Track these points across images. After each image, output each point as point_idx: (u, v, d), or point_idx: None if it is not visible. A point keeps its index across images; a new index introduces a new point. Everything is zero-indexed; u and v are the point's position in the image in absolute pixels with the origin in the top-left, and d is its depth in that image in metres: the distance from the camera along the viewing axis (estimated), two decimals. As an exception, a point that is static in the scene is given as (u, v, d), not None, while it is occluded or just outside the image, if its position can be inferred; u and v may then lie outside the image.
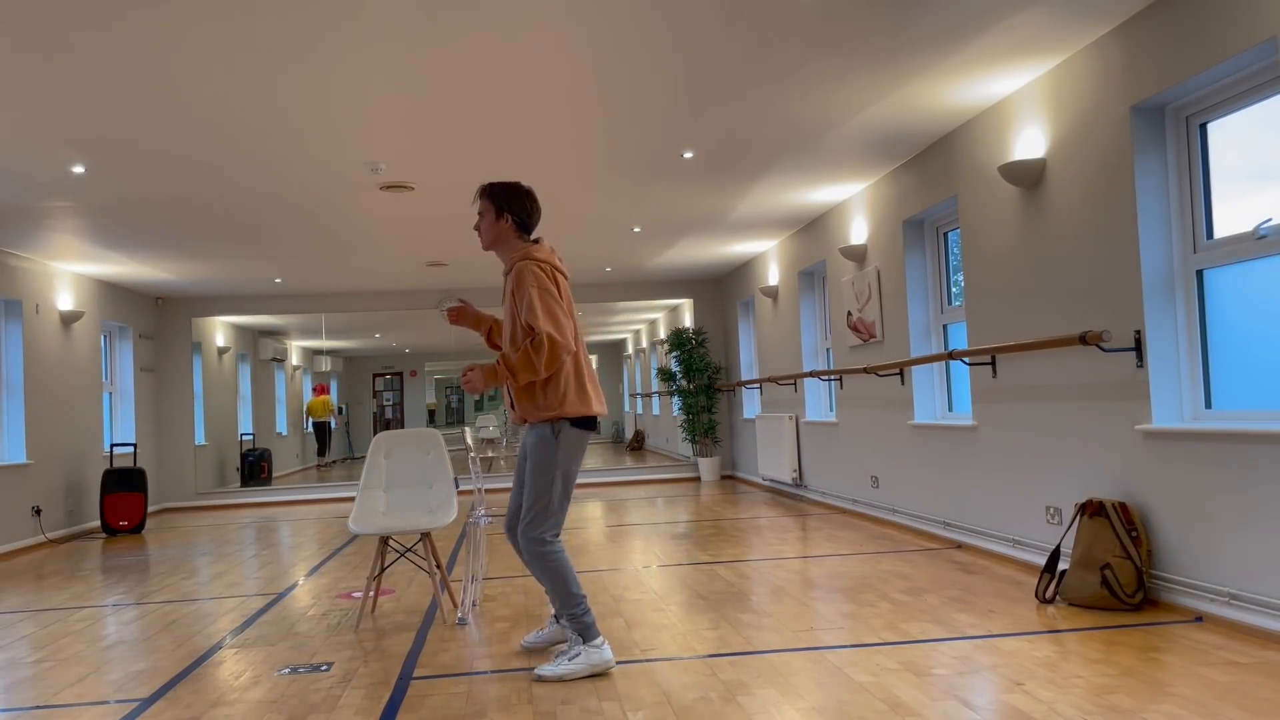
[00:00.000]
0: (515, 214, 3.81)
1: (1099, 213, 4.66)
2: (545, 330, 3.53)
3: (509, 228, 3.81)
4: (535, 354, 3.54)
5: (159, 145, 5.60)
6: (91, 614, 5.36)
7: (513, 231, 3.82)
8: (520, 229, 3.83)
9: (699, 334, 12.49)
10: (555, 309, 3.58)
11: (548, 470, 3.71)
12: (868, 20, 4.32)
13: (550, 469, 3.71)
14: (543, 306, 3.56)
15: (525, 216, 3.83)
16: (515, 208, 3.81)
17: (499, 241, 3.84)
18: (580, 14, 4.13)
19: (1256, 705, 3.00)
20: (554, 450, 3.71)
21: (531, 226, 3.85)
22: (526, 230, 3.84)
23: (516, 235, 3.83)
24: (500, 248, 3.85)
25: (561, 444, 3.71)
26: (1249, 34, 3.70)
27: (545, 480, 3.71)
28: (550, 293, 3.60)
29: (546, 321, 3.54)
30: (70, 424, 9.37)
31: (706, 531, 7.47)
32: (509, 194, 3.82)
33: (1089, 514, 4.47)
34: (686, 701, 3.31)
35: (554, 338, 3.54)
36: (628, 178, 6.92)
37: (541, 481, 3.71)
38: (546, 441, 3.71)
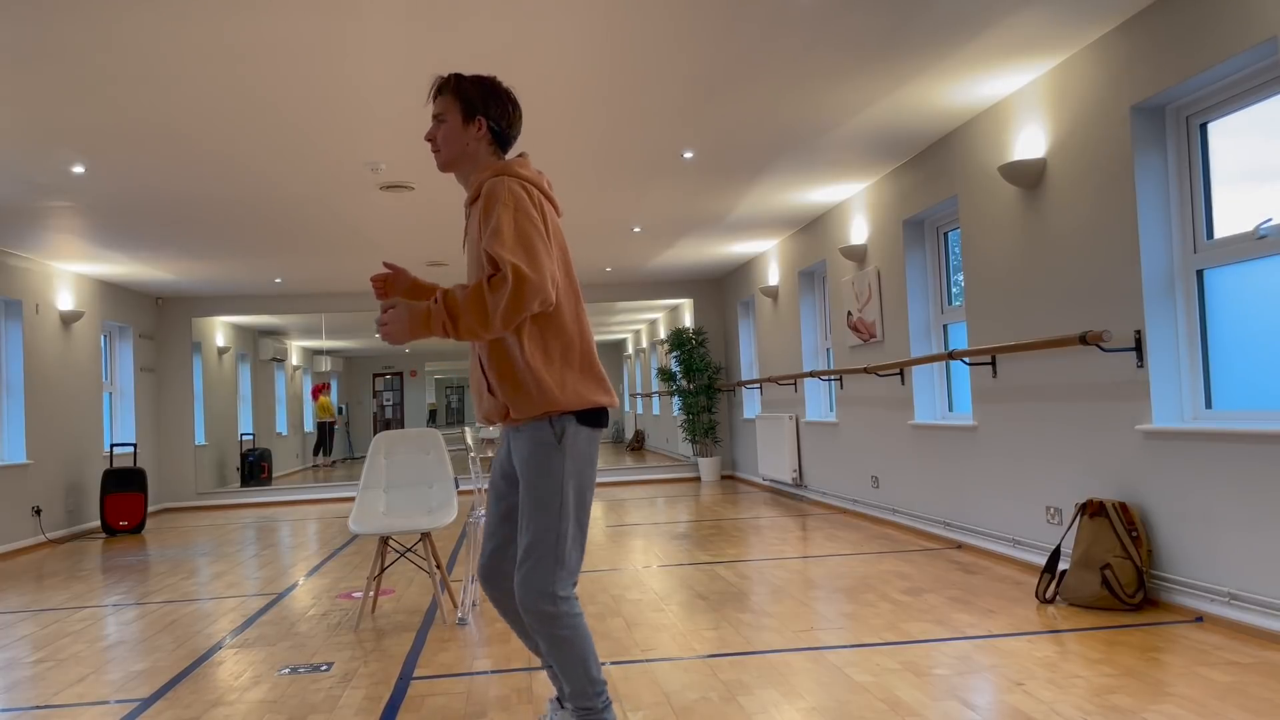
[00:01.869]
0: (492, 119, 2.68)
1: (1099, 213, 4.66)
2: (511, 261, 2.40)
3: (482, 137, 2.68)
4: (491, 293, 2.40)
5: (159, 145, 5.60)
6: (91, 614, 5.36)
7: (487, 144, 2.69)
8: (497, 142, 2.71)
9: (699, 334, 12.49)
10: (534, 237, 2.46)
11: (554, 493, 2.56)
12: (868, 20, 4.32)
13: (557, 491, 2.57)
14: (516, 231, 2.45)
15: (505, 125, 2.71)
16: (493, 110, 2.68)
17: (465, 157, 2.69)
18: (580, 14, 4.13)
19: (1256, 705, 3.00)
20: (560, 461, 2.57)
21: (510, 141, 2.75)
22: (504, 146, 2.73)
23: (491, 150, 2.70)
24: (465, 166, 2.70)
25: (569, 451, 2.58)
26: (1249, 34, 3.70)
27: (551, 509, 2.56)
28: (531, 217, 2.50)
29: (517, 251, 2.43)
30: (70, 424, 9.37)
31: (706, 531, 7.47)
32: (485, 91, 2.69)
33: (1089, 514, 4.47)
34: (686, 701, 3.31)
35: (523, 273, 2.39)
36: (628, 178, 6.92)
37: (545, 512, 2.56)
38: (547, 450, 2.57)
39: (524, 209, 2.50)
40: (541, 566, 2.54)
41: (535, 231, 2.48)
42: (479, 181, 2.63)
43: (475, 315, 2.41)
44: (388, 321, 2.51)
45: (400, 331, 2.49)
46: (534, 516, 2.57)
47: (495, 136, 2.69)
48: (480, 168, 2.67)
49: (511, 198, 2.51)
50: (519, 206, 2.50)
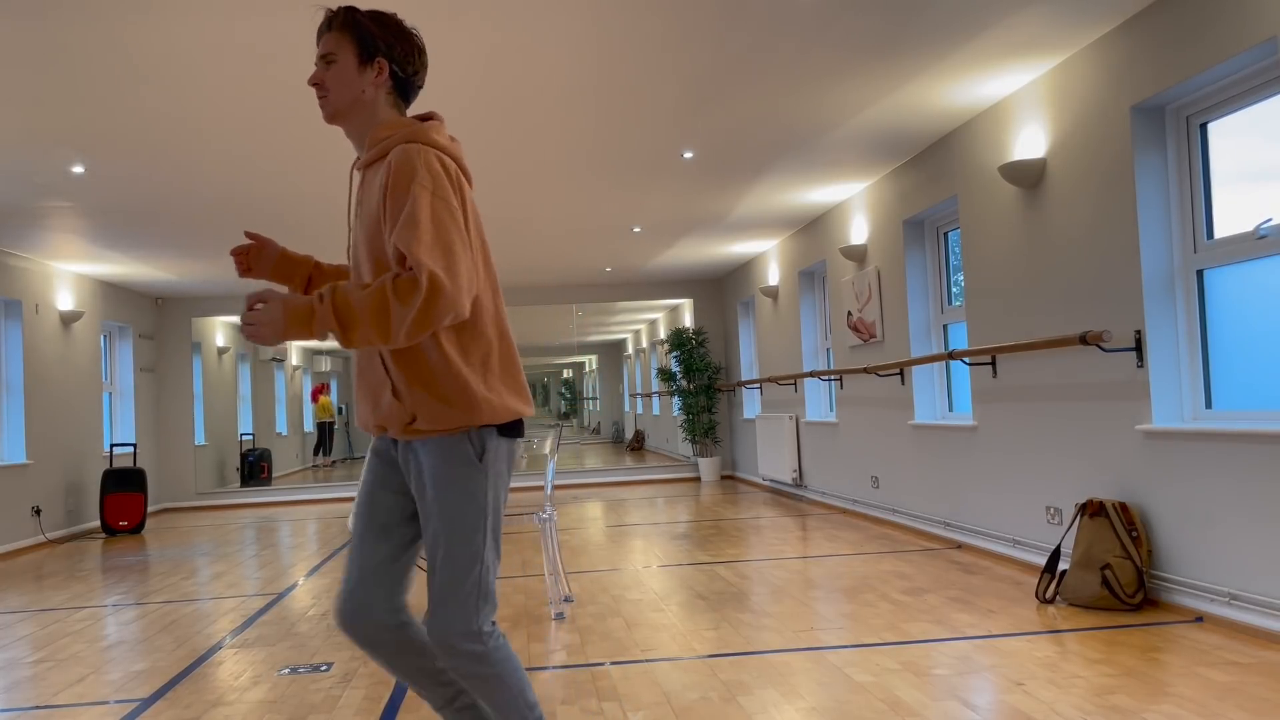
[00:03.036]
0: (396, 62, 2.21)
1: (1099, 213, 4.66)
2: (428, 266, 1.99)
3: (381, 84, 2.21)
4: (399, 303, 1.98)
5: (159, 145, 5.60)
6: (91, 614, 5.36)
7: (387, 92, 2.23)
8: (399, 91, 2.25)
9: (699, 334, 12.49)
10: (454, 234, 2.05)
11: (477, 519, 2.17)
12: (867, 20, 4.32)
13: (480, 516, 2.17)
14: (434, 225, 2.03)
15: (410, 71, 2.25)
16: (397, 52, 2.21)
17: (359, 106, 2.22)
18: (580, 13, 4.13)
19: (1256, 705, 3.00)
20: (482, 482, 2.17)
21: (413, 93, 2.29)
22: (406, 98, 2.27)
23: (392, 101, 2.24)
24: (359, 118, 2.23)
25: (491, 469, 2.19)
26: (1249, 34, 3.70)
27: (474, 538, 2.16)
28: (451, 206, 2.08)
29: (435, 252, 2.01)
30: (70, 424, 9.37)
31: (706, 531, 7.47)
32: (387, 28, 2.21)
33: (1089, 514, 4.47)
34: (686, 701, 3.31)
35: (439, 284, 1.99)
36: (628, 178, 6.92)
37: (466, 542, 2.15)
38: (467, 468, 2.16)
39: (443, 194, 2.08)
40: (466, 604, 2.13)
41: (455, 226, 2.06)
42: (381, 142, 2.17)
43: (375, 326, 1.99)
44: (256, 321, 2.02)
45: (273, 333, 2.02)
46: (453, 548, 2.14)
47: (398, 84, 2.23)
48: (379, 122, 2.22)
49: (429, 177, 2.07)
50: (438, 190, 2.07)
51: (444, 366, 2.14)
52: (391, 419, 2.17)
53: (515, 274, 11.33)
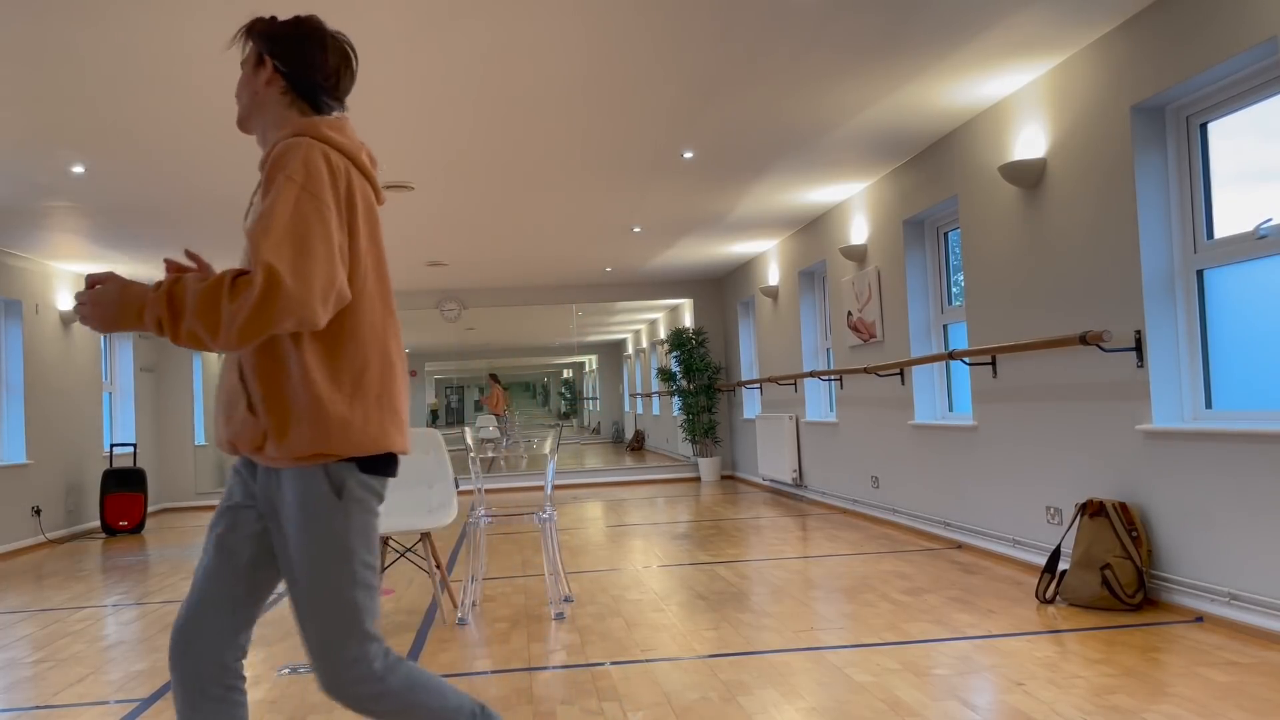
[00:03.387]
0: (291, 65, 2.06)
1: (1099, 213, 4.66)
2: (269, 263, 1.80)
3: (273, 86, 2.06)
4: (230, 298, 1.79)
5: (159, 145, 5.60)
6: (91, 614, 5.36)
7: (279, 93, 2.07)
8: (297, 93, 2.07)
9: (699, 334, 12.49)
10: (313, 231, 1.86)
11: (337, 562, 1.95)
12: (867, 20, 4.32)
13: (343, 558, 1.95)
14: (292, 218, 1.85)
15: (307, 71, 2.07)
16: (288, 54, 2.06)
17: (257, 110, 2.09)
18: (580, 13, 4.13)
19: (1256, 705, 3.00)
20: (340, 519, 1.95)
21: (324, 95, 2.09)
22: (313, 101, 2.09)
23: (290, 104, 2.07)
24: (258, 122, 2.10)
25: (352, 508, 1.96)
26: (1249, 34, 3.70)
27: (334, 584, 1.95)
28: (320, 202, 1.89)
29: (283, 248, 1.82)
30: (70, 424, 9.37)
31: (706, 531, 7.47)
32: (283, 31, 2.08)
33: (1089, 514, 4.47)
34: (686, 701, 3.31)
35: (277, 280, 1.79)
36: (628, 178, 6.92)
37: (329, 589, 1.94)
38: (322, 504, 1.94)
39: (314, 188, 1.88)
40: (346, 652, 1.94)
41: (320, 225, 1.86)
42: (271, 144, 2.00)
43: (203, 320, 1.78)
44: (89, 301, 1.85)
45: (104, 317, 1.84)
46: (321, 599, 1.94)
47: (294, 87, 2.06)
48: (278, 125, 2.07)
49: (302, 170, 1.89)
50: (308, 184, 1.88)
51: (303, 381, 1.91)
52: (242, 437, 1.95)
53: (515, 274, 11.34)
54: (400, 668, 1.99)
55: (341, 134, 2.01)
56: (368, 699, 1.95)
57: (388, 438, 1.97)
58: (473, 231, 8.58)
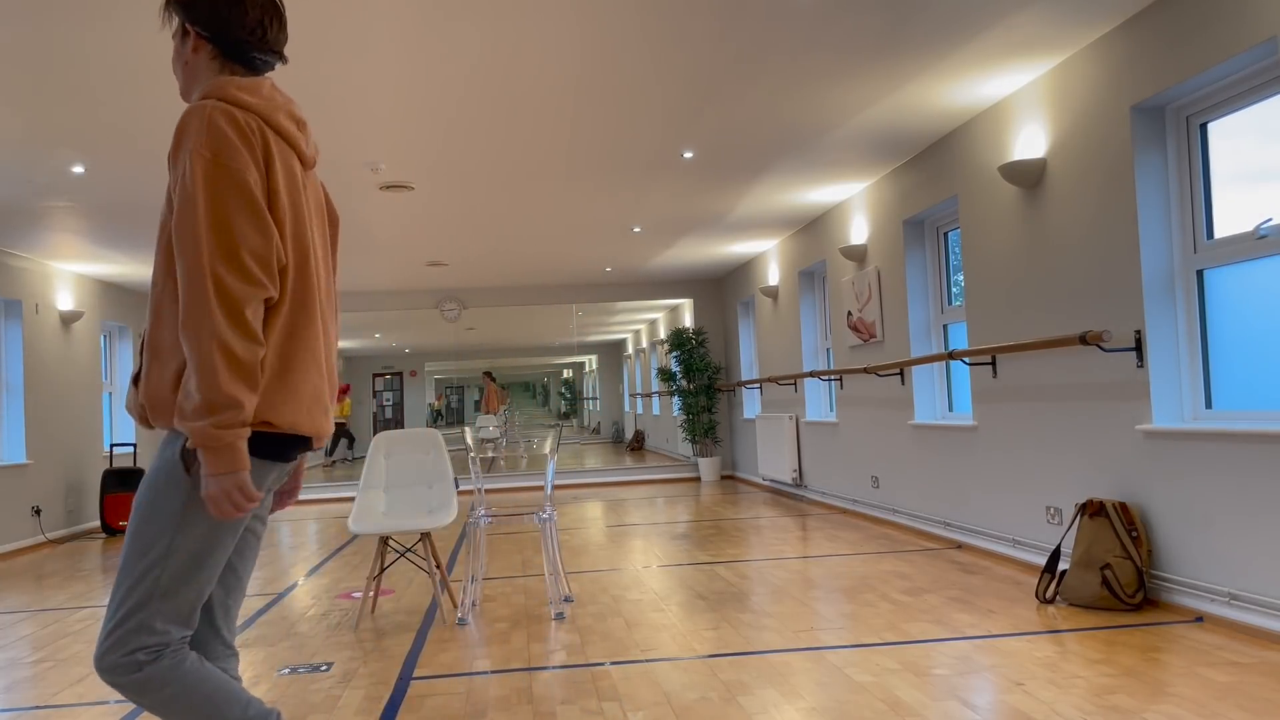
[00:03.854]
0: (211, 28, 1.92)
1: (1099, 213, 4.66)
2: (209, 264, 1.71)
3: (201, 52, 1.94)
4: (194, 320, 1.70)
5: (159, 145, 5.60)
6: (91, 614, 5.36)
7: (209, 59, 1.94)
8: (228, 56, 1.94)
9: (699, 334, 12.49)
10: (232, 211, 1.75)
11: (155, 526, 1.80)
12: (867, 19, 4.32)
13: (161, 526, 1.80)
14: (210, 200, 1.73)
15: (229, 30, 1.92)
16: (210, 18, 1.92)
17: (192, 80, 1.96)
18: (580, 13, 4.13)
19: (1256, 705, 3.00)
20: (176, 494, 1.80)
21: (254, 52, 1.96)
22: (246, 61, 1.95)
23: (222, 69, 1.95)
24: (198, 90, 1.95)
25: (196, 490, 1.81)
26: (1249, 34, 3.70)
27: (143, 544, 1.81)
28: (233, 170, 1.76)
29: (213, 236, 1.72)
30: (70, 424, 9.37)
31: (706, 531, 7.47)
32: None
33: (1089, 514, 4.47)
34: (686, 701, 3.31)
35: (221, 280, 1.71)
36: (628, 178, 6.92)
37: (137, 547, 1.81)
38: (166, 468, 1.81)
39: (224, 156, 1.75)
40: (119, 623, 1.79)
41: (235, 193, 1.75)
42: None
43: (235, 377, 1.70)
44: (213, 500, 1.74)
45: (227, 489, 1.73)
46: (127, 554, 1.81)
47: (222, 50, 1.93)
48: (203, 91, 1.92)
49: (207, 138, 1.75)
50: (217, 155, 1.74)
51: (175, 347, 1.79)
52: (132, 404, 1.85)
53: (515, 274, 11.34)
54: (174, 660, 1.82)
55: (254, 94, 1.87)
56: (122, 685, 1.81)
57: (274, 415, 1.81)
58: (473, 231, 8.58)
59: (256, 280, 1.73)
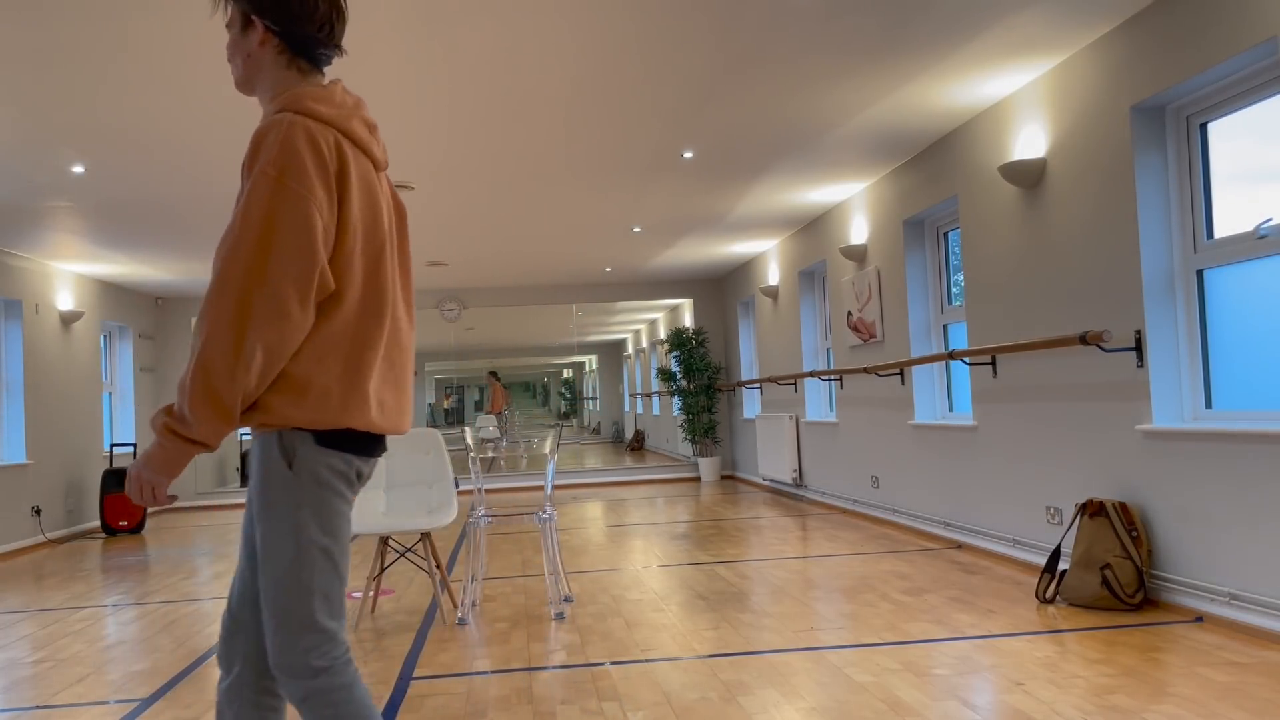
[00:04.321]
0: (281, 22, 1.89)
1: (1099, 213, 4.66)
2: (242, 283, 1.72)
3: (267, 46, 1.91)
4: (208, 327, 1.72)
5: (159, 145, 5.60)
6: (91, 614, 5.36)
7: (275, 54, 1.92)
8: (293, 51, 1.92)
9: (699, 334, 12.49)
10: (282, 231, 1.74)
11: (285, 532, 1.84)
12: (868, 19, 4.32)
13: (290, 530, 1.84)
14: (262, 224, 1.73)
15: (297, 25, 1.90)
16: (280, 11, 1.89)
17: (259, 74, 1.93)
18: (580, 13, 4.13)
19: (1256, 705, 3.00)
20: (291, 491, 1.84)
21: (318, 47, 1.94)
22: (309, 55, 1.94)
23: (287, 64, 1.92)
24: (261, 86, 1.95)
25: (302, 479, 1.84)
26: (1249, 34, 3.70)
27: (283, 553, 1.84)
28: (297, 193, 1.75)
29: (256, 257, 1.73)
30: (70, 424, 9.37)
31: (706, 531, 7.47)
32: None
33: (1089, 514, 4.47)
34: (686, 701, 3.31)
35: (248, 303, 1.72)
36: (628, 178, 6.92)
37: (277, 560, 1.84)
38: (272, 472, 1.85)
39: (292, 178, 1.75)
40: (293, 634, 1.83)
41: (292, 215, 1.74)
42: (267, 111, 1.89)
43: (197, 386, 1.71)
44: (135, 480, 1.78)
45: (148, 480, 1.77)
46: (265, 569, 1.85)
47: (289, 45, 1.91)
48: (274, 90, 1.93)
49: (279, 157, 1.75)
50: (285, 174, 1.74)
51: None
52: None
53: (515, 274, 11.34)
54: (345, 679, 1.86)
55: (329, 104, 1.86)
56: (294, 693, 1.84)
57: (342, 416, 1.84)
58: (473, 231, 8.58)
59: (282, 312, 1.73)
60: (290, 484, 1.83)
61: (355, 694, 1.86)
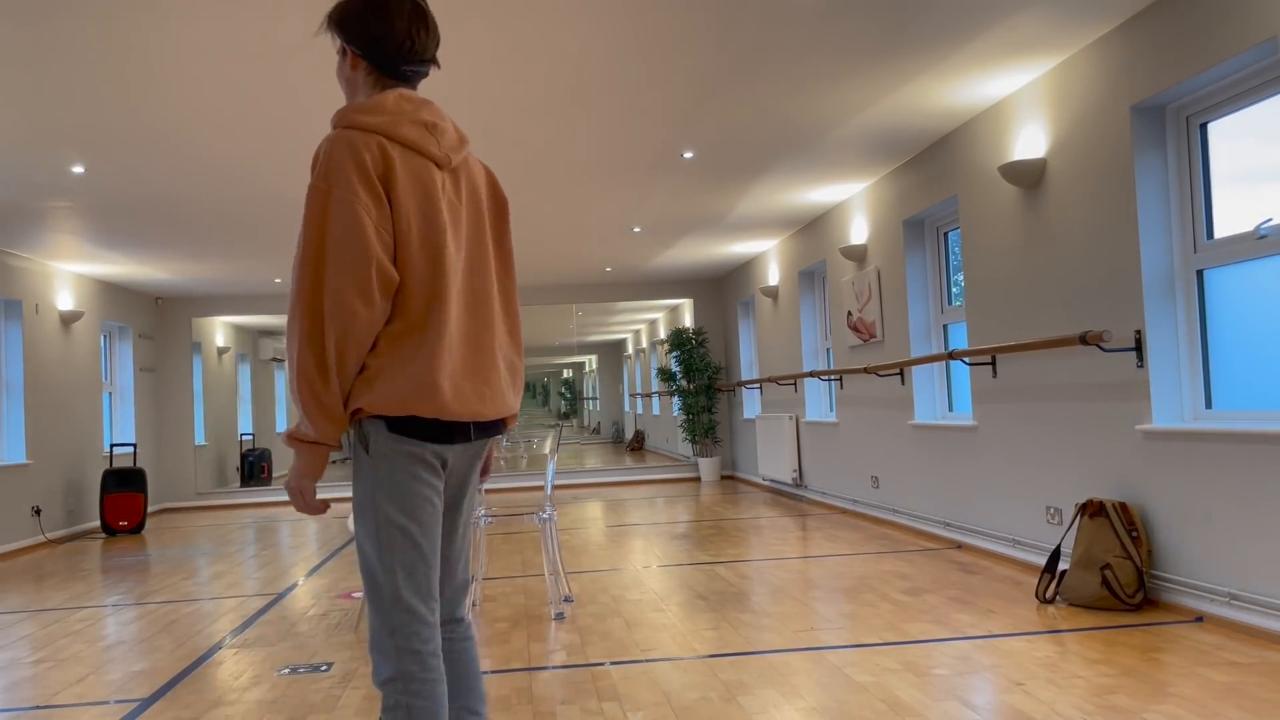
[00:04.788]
0: (364, 46, 2.04)
1: (1099, 213, 4.66)
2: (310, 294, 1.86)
3: (359, 69, 2.08)
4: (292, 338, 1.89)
5: (159, 145, 5.60)
6: (91, 614, 5.36)
7: (365, 74, 2.08)
8: (380, 71, 2.06)
9: (699, 334, 12.49)
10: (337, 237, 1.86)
11: (367, 513, 1.96)
12: (868, 20, 4.32)
13: (370, 511, 1.95)
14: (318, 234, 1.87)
15: (382, 47, 2.03)
16: (361, 36, 2.04)
17: (355, 94, 2.12)
18: (580, 14, 4.13)
19: (1256, 705, 3.00)
20: (368, 474, 1.96)
21: (403, 63, 2.06)
22: (394, 73, 2.07)
23: (376, 83, 2.07)
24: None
25: (377, 463, 1.94)
26: (1249, 34, 3.70)
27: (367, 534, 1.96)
28: (345, 200, 1.87)
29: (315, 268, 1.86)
30: (70, 424, 9.37)
31: (706, 531, 7.47)
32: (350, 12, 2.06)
33: (1089, 514, 4.47)
34: (686, 701, 3.31)
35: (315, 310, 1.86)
36: (628, 178, 6.92)
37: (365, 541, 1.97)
38: (357, 457, 1.99)
39: (339, 188, 1.87)
40: (374, 613, 1.95)
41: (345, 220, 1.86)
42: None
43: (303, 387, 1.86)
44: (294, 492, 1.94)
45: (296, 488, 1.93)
46: (358, 548, 1.99)
47: (376, 66, 2.05)
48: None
49: (324, 169, 1.89)
50: (333, 186, 1.87)
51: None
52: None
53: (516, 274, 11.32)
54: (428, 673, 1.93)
55: (377, 113, 1.97)
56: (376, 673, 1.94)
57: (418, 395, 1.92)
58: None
59: (349, 312, 1.86)
60: (367, 468, 1.96)
61: (436, 691, 1.93)
